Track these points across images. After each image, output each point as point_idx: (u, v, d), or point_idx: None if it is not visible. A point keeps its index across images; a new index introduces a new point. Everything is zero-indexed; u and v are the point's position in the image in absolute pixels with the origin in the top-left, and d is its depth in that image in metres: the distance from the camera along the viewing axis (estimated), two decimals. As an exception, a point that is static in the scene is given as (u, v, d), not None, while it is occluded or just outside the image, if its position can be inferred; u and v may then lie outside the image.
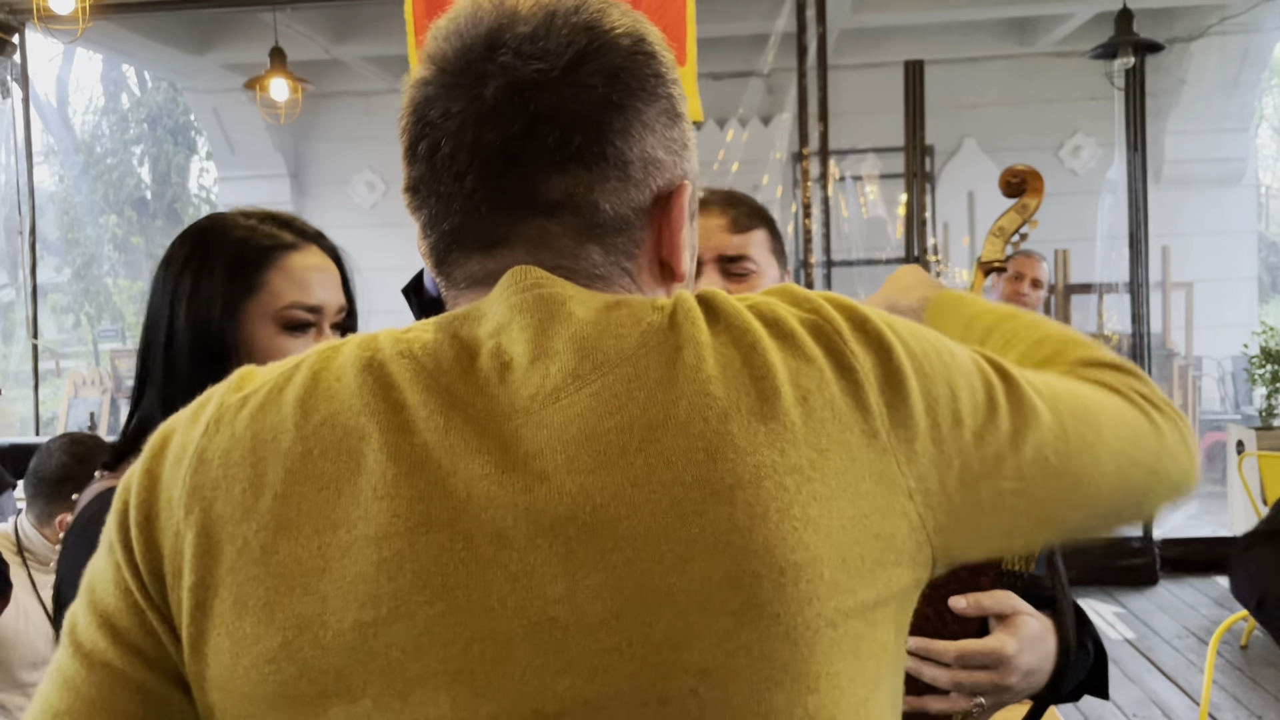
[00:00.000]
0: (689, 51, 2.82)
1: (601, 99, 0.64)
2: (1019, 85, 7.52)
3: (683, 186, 0.68)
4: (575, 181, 0.64)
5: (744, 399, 0.59)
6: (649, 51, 0.67)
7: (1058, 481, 0.66)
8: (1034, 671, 0.97)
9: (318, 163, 8.48)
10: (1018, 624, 0.97)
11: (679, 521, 0.57)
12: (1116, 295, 6.12)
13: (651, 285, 0.70)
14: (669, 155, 0.68)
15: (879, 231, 7.06)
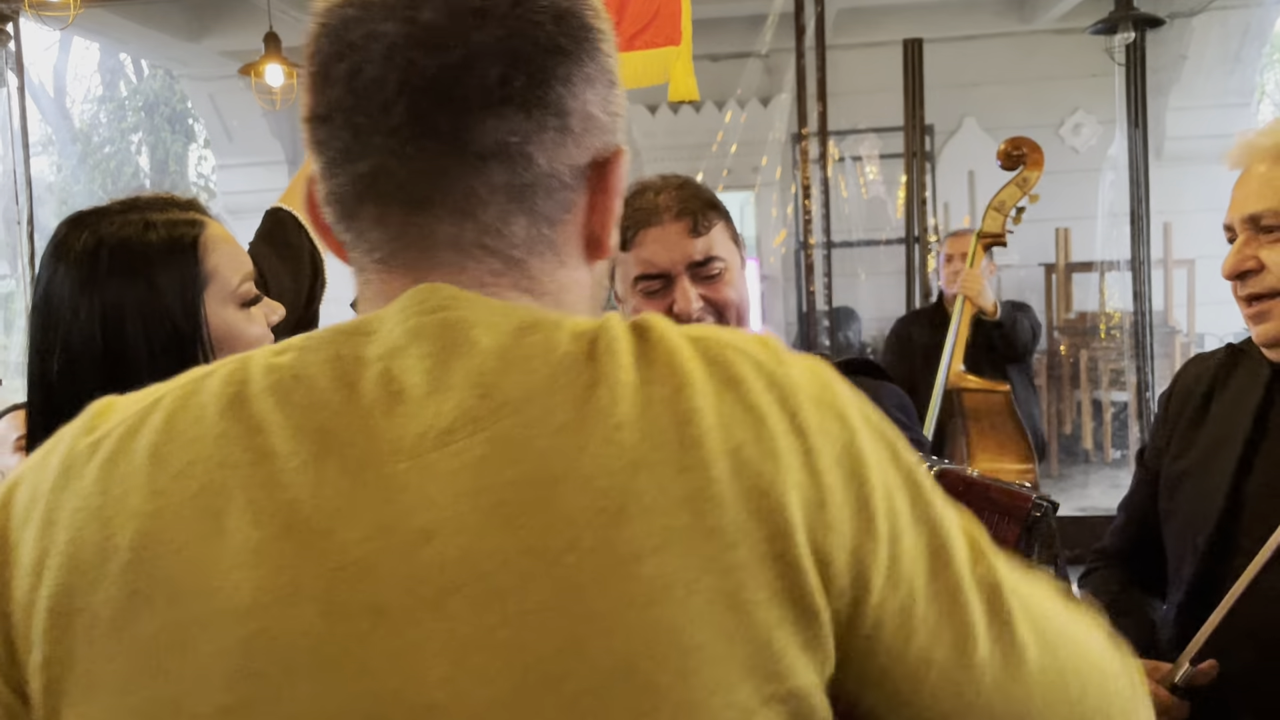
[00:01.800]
0: (684, 31, 2.81)
1: (549, 39, 0.59)
2: (1019, 63, 7.48)
3: (620, 152, 0.64)
4: (511, 128, 0.59)
5: (660, 448, 0.53)
6: (592, 5, 0.63)
7: None
8: None
9: (315, 149, 8.46)
10: None
11: (574, 596, 0.51)
12: (1118, 273, 6.09)
13: (576, 260, 0.64)
14: (607, 116, 0.63)
15: (879, 211, 7.04)
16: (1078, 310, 7.25)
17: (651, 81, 2.88)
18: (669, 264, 1.32)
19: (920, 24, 6.16)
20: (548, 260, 0.62)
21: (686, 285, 1.32)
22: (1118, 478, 6.66)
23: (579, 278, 0.65)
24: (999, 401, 3.28)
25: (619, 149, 0.64)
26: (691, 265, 1.32)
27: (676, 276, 1.32)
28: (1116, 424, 6.93)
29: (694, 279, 1.33)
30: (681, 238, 1.32)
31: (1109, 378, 6.82)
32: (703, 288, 1.33)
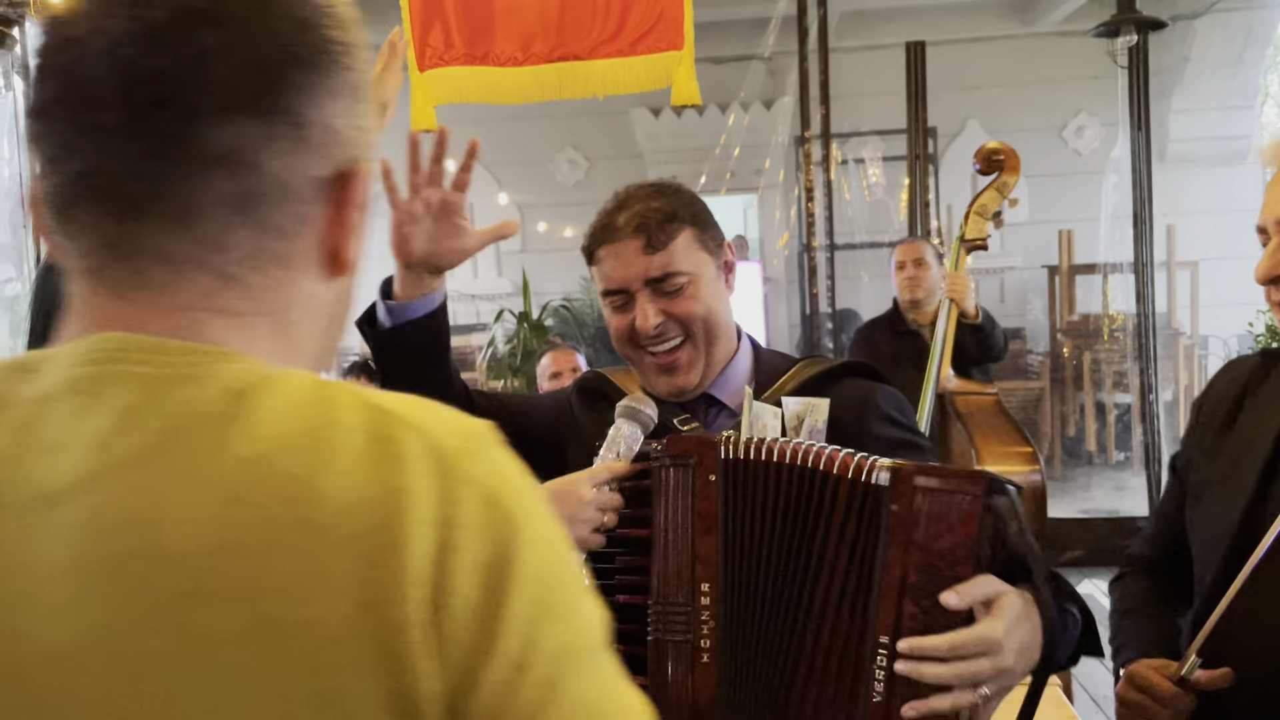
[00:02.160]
0: (686, 35, 2.83)
1: (286, 48, 0.57)
2: (1022, 65, 7.49)
3: (363, 168, 0.62)
4: (240, 134, 0.56)
5: (257, 524, 0.49)
6: (338, 20, 0.61)
7: None
8: (1027, 647, 0.98)
9: (320, 153, 8.50)
10: (1002, 605, 0.97)
11: (147, 688, 0.47)
12: (1121, 275, 6.10)
13: (310, 275, 0.61)
14: (352, 131, 0.61)
15: (882, 214, 7.05)
16: (1081, 312, 7.26)
17: (654, 85, 2.90)
18: (624, 281, 1.30)
19: (923, 27, 6.18)
20: (271, 275, 0.59)
21: (644, 302, 1.29)
22: (1121, 480, 6.66)
23: (313, 293, 0.62)
24: (990, 402, 3.33)
25: (362, 164, 0.62)
26: (649, 281, 1.29)
27: (635, 293, 1.30)
28: (1119, 426, 6.93)
29: (654, 294, 1.29)
30: (637, 255, 1.28)
31: (1112, 380, 6.83)
32: (663, 303, 1.29)
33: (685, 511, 1.10)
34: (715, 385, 1.35)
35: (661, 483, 1.13)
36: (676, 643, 1.08)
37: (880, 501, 1.02)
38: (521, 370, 5.89)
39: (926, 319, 3.80)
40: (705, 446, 1.12)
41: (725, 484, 1.10)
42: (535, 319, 6.02)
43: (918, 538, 0.99)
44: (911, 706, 0.96)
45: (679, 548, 1.10)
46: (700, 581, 1.08)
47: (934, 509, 0.99)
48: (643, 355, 1.32)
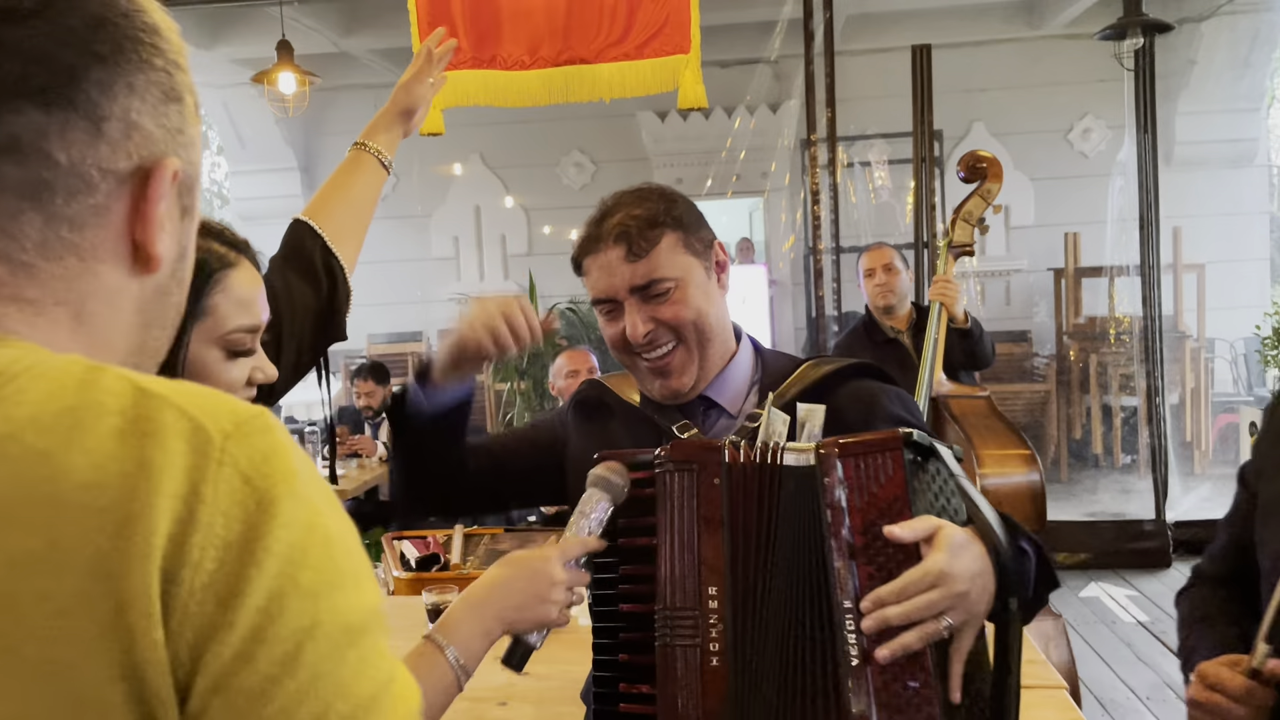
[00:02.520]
0: (693, 38, 2.84)
1: (80, 44, 0.58)
2: (1028, 68, 7.49)
3: (167, 162, 0.62)
4: (28, 125, 0.57)
5: (10, 504, 0.50)
6: (150, 25, 0.62)
7: None
8: (979, 573, 1.00)
9: (327, 156, 8.51)
10: (942, 537, 1.00)
11: None
12: (1128, 278, 6.09)
13: (113, 269, 0.62)
14: (159, 129, 0.62)
15: (888, 216, 7.05)
16: (1087, 315, 7.25)
17: (661, 89, 2.91)
18: (611, 290, 1.30)
19: (929, 30, 6.18)
20: (68, 265, 0.60)
21: (632, 311, 1.29)
22: (1127, 483, 6.65)
23: (118, 287, 0.62)
24: (984, 405, 3.35)
25: (165, 161, 0.62)
26: (634, 289, 1.28)
27: (623, 301, 1.29)
28: (1126, 429, 6.92)
29: (641, 302, 1.29)
30: (620, 264, 1.28)
31: (1119, 382, 6.82)
32: (651, 309, 1.29)
33: (690, 516, 1.11)
34: (712, 387, 1.34)
35: (665, 488, 1.13)
36: (685, 647, 1.09)
37: (814, 479, 1.07)
38: (528, 372, 5.90)
39: (902, 324, 3.81)
40: (708, 451, 1.13)
41: (728, 487, 1.11)
42: (542, 321, 6.03)
43: (854, 503, 1.04)
44: (885, 647, 0.98)
45: (685, 553, 1.10)
46: (707, 585, 1.09)
47: (860, 473, 1.05)
48: (637, 361, 1.32)
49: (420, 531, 3.57)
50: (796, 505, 1.08)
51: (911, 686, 1.00)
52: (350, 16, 6.81)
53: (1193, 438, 6.96)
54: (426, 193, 8.27)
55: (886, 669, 1.00)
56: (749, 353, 1.39)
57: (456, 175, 8.34)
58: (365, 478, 4.91)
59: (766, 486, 1.10)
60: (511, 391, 6.03)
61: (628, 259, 1.28)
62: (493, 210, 8.41)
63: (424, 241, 8.42)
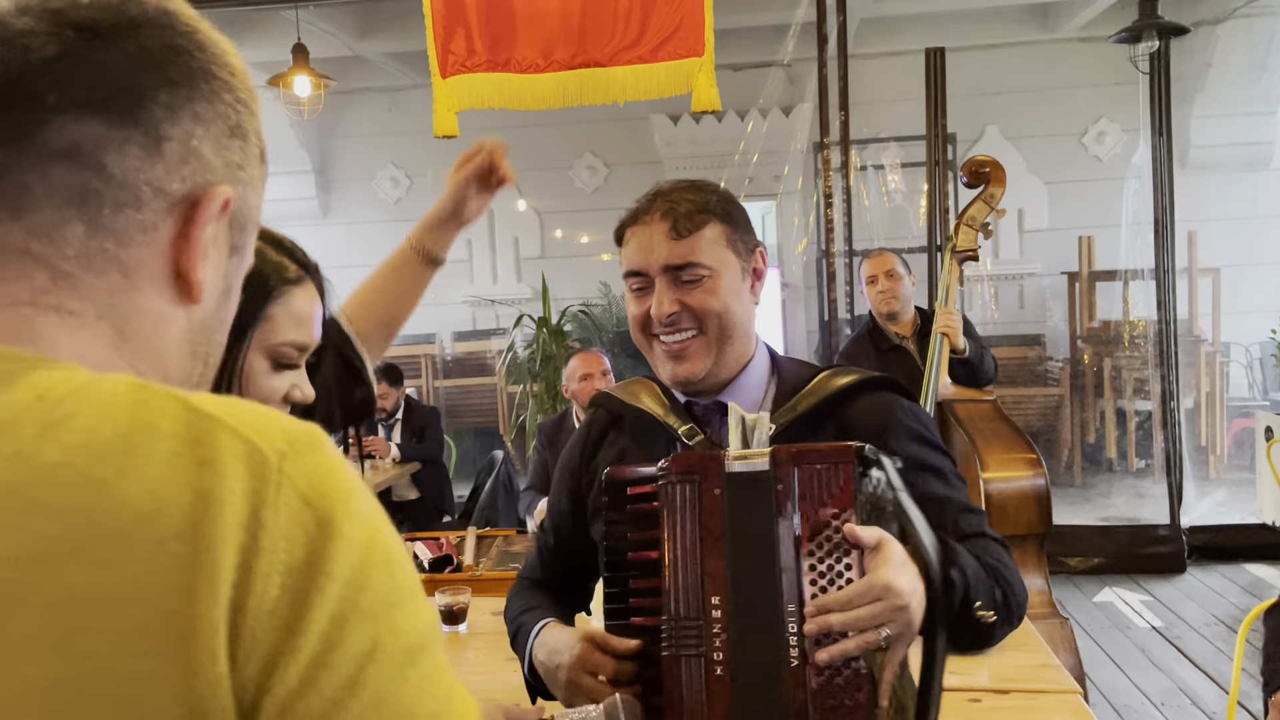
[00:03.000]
0: (707, 42, 2.84)
1: (154, 66, 0.60)
2: (1042, 71, 7.47)
3: (217, 195, 0.62)
4: (89, 134, 0.57)
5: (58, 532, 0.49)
6: (226, 64, 0.64)
7: None
8: (915, 590, 1.03)
9: (342, 159, 8.55)
10: (887, 551, 1.03)
11: None
12: (1142, 282, 6.07)
13: (155, 290, 0.62)
14: (220, 161, 0.63)
15: (901, 220, 7.04)
16: (1101, 319, 7.22)
17: (675, 92, 2.91)
18: (645, 265, 1.30)
19: (942, 33, 6.17)
20: (110, 279, 0.59)
21: (661, 289, 1.29)
22: (1141, 487, 6.62)
23: (161, 312, 0.63)
24: (989, 408, 3.38)
25: (219, 192, 0.63)
26: (669, 268, 1.28)
27: (654, 278, 1.29)
28: (1140, 433, 6.89)
29: (672, 282, 1.29)
30: (661, 239, 1.28)
31: (1133, 386, 6.79)
32: (680, 292, 1.29)
33: (694, 527, 1.11)
34: (729, 392, 1.34)
35: (669, 500, 1.13)
36: (690, 657, 1.09)
37: (769, 484, 1.09)
38: (540, 375, 5.91)
39: (907, 329, 3.82)
40: (708, 461, 1.13)
41: (729, 497, 1.11)
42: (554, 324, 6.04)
43: (804, 509, 1.07)
44: (825, 651, 1.02)
45: (689, 563, 1.11)
46: (710, 595, 1.09)
47: (812, 481, 1.08)
48: (654, 343, 1.32)
49: (433, 533, 3.59)
50: (759, 510, 1.10)
51: (846, 690, 1.04)
52: (365, 20, 6.84)
53: (1207, 442, 6.92)
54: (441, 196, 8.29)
55: (823, 671, 1.04)
56: (764, 360, 1.38)
57: (470, 178, 8.36)
58: (379, 479, 4.93)
59: (747, 493, 1.11)
60: (524, 394, 6.04)
61: (669, 235, 1.28)
62: (505, 213, 8.43)
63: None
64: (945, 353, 3.35)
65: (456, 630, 2.56)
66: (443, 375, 8.15)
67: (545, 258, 8.26)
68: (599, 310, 7.74)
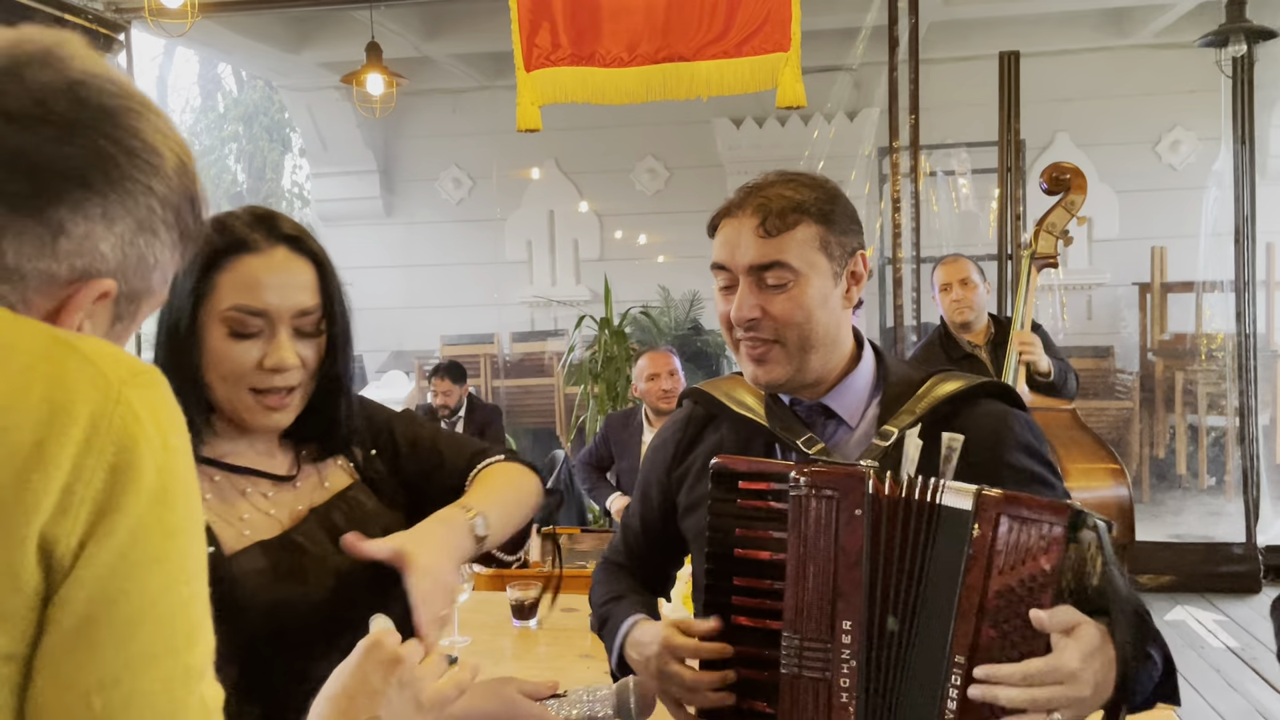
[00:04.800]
0: (793, 36, 2.81)
1: (75, 171, 0.67)
2: (1115, 78, 7.32)
3: (97, 286, 0.69)
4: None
5: None
6: (153, 165, 0.70)
7: None
8: (1102, 681, 0.98)
9: (406, 159, 8.64)
10: (1080, 635, 0.97)
11: None
12: (1219, 294, 5.91)
13: None
14: (116, 254, 0.69)
15: (971, 226, 6.94)
16: (1173, 331, 7.05)
17: (759, 87, 2.88)
18: (730, 261, 1.24)
19: (1015, 38, 6.07)
20: None
21: (743, 290, 1.22)
22: (1214, 505, 6.44)
23: None
24: (1068, 417, 3.32)
25: (97, 285, 0.69)
26: (753, 268, 1.21)
27: (739, 276, 1.23)
28: (1213, 450, 6.71)
29: (756, 284, 1.22)
30: (749, 235, 1.21)
31: (1206, 401, 6.61)
32: (763, 298, 1.22)
33: (829, 545, 1.07)
34: (832, 396, 1.29)
35: (802, 511, 1.09)
36: (814, 680, 1.06)
37: (965, 524, 1.03)
38: (602, 375, 5.90)
39: (979, 338, 3.73)
40: (852, 480, 1.08)
41: (871, 519, 1.07)
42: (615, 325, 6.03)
43: (999, 564, 1.00)
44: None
45: (820, 581, 1.07)
46: (841, 619, 1.06)
47: (1017, 537, 1.01)
48: (738, 341, 1.27)
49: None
50: (941, 547, 1.05)
51: None
52: (434, 21, 6.90)
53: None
54: (503, 197, 8.35)
55: None
56: (870, 362, 1.32)
57: (534, 179, 8.41)
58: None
59: (920, 524, 1.06)
60: (585, 394, 6.04)
61: (758, 233, 1.21)
62: (566, 215, 8.46)
63: (498, 245, 8.49)
64: (1021, 376, 3.29)
65: (527, 625, 2.54)
66: (502, 375, 8.19)
67: (604, 260, 8.26)
68: (657, 311, 7.73)
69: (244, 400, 1.12)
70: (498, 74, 7.58)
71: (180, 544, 0.64)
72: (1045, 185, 3.23)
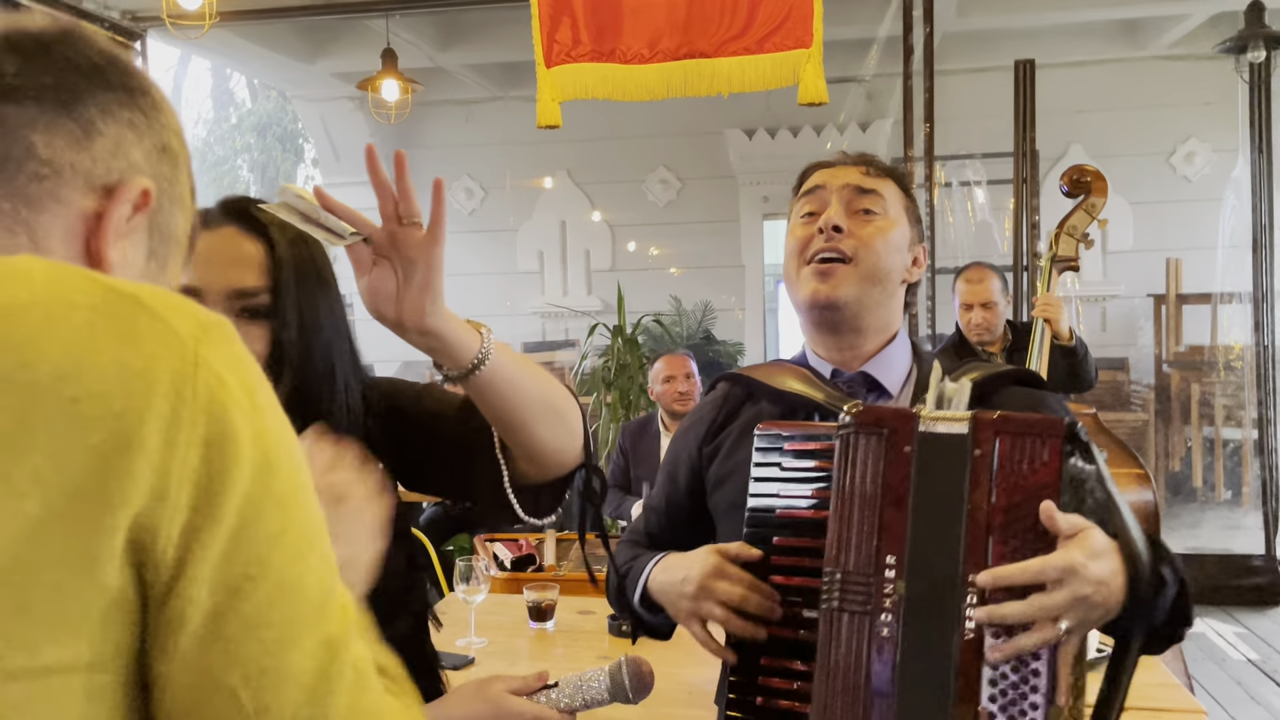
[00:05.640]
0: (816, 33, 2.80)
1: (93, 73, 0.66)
2: (1129, 89, 7.30)
3: (138, 181, 0.67)
4: (18, 112, 0.63)
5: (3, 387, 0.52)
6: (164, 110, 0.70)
7: None
8: (1106, 582, 0.97)
9: (419, 169, 8.48)
10: (1085, 537, 0.97)
11: None
12: (1236, 305, 5.88)
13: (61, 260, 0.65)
14: (147, 164, 0.68)
15: (986, 236, 6.92)
16: (1188, 343, 7.01)
17: (781, 84, 2.87)
18: (826, 180, 1.31)
19: (1028, 49, 6.06)
20: (18, 240, 0.63)
21: (836, 203, 1.28)
22: (1232, 518, 6.39)
23: None
24: (1091, 420, 3.28)
25: (139, 181, 0.67)
26: (850, 187, 1.28)
27: (832, 194, 1.29)
28: (1230, 462, 6.65)
29: (848, 208, 1.28)
30: (851, 170, 1.30)
31: (1223, 414, 6.56)
32: (853, 221, 1.28)
33: (874, 481, 1.07)
34: (873, 364, 1.32)
35: (849, 449, 1.09)
36: (855, 614, 1.05)
37: (964, 448, 1.04)
38: (615, 384, 5.88)
39: (995, 347, 3.70)
40: (902, 418, 1.09)
41: (919, 456, 1.07)
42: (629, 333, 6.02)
43: (1001, 481, 1.02)
44: (996, 649, 0.97)
45: (864, 517, 1.06)
46: (885, 553, 1.05)
47: (1014, 452, 1.02)
48: (802, 268, 1.30)
49: (511, 535, 3.57)
50: (950, 474, 1.05)
51: (1021, 677, 0.99)
52: (447, 31, 6.92)
53: (1304, 472, 6.67)
54: (515, 207, 8.35)
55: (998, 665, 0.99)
56: (906, 343, 1.36)
57: (546, 189, 8.42)
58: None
59: (938, 456, 1.07)
60: (597, 402, 6.02)
61: (860, 170, 1.30)
62: (578, 225, 8.46)
63: (510, 255, 8.49)
64: (1047, 345, 3.21)
65: (544, 627, 2.52)
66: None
67: (616, 270, 8.25)
68: (669, 319, 7.72)
69: None
70: (511, 84, 7.59)
71: (294, 512, 0.58)
72: (1065, 188, 3.20)
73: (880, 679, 1.02)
